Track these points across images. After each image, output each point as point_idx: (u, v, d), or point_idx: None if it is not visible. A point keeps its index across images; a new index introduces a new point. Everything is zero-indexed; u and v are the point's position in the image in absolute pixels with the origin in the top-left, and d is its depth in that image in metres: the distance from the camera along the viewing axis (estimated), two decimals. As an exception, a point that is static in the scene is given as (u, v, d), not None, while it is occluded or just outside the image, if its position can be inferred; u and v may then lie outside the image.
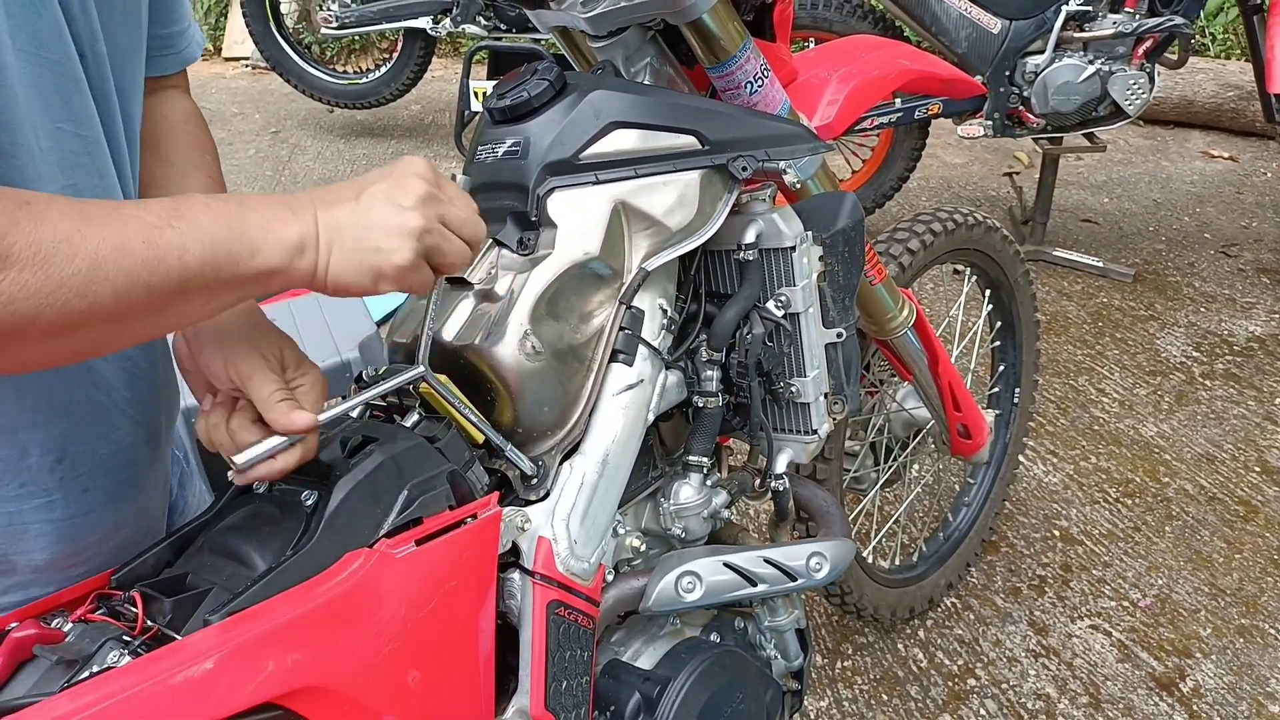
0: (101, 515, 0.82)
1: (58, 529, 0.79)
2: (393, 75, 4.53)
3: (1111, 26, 2.86)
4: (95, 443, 0.79)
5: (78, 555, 0.81)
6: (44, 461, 0.76)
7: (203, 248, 0.65)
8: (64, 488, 0.78)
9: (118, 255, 0.61)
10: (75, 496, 0.79)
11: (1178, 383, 2.74)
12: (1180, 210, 3.83)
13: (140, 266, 0.62)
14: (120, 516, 0.84)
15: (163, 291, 0.64)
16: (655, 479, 1.11)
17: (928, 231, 1.67)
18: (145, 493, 0.87)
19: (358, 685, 0.71)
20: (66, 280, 0.59)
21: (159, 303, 0.64)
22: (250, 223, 0.68)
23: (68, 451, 0.78)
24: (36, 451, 0.76)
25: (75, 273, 0.59)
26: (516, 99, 0.96)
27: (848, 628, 1.96)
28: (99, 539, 0.82)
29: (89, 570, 0.82)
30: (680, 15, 1.00)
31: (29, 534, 0.78)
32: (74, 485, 0.79)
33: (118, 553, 0.84)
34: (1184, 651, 1.89)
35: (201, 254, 0.65)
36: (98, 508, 0.81)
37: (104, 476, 0.81)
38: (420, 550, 0.76)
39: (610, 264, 0.95)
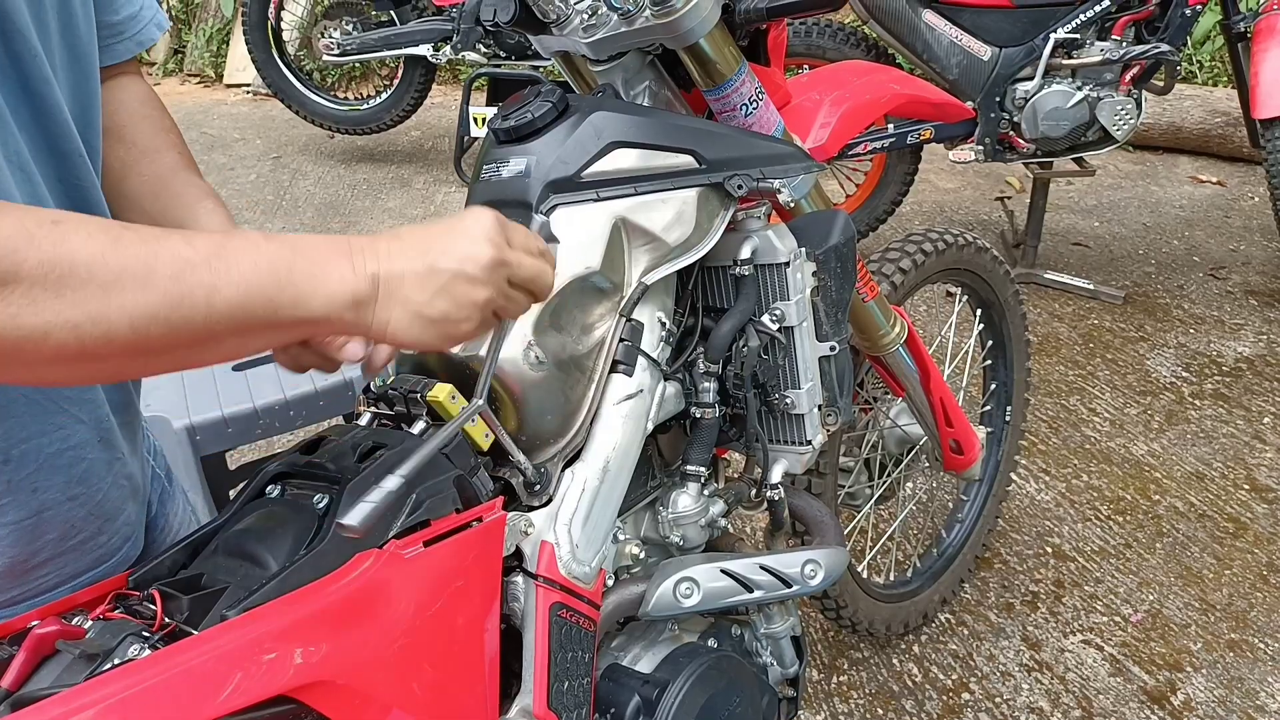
0: (54, 515, 0.80)
1: (12, 533, 0.78)
2: (393, 101, 4.59)
3: (1099, 54, 2.92)
4: (40, 440, 0.78)
5: (34, 558, 0.80)
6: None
7: (237, 291, 0.63)
8: (13, 490, 0.77)
9: (139, 287, 0.60)
10: (25, 498, 0.78)
11: (1168, 402, 2.78)
12: (1169, 234, 3.89)
13: (162, 301, 0.61)
14: (74, 518, 0.82)
15: (186, 330, 0.62)
16: (654, 488, 1.13)
17: (919, 251, 1.71)
18: (102, 494, 0.84)
19: (368, 680, 0.73)
20: (79, 303, 0.58)
21: (183, 340, 0.63)
22: (299, 271, 0.66)
23: (12, 452, 0.76)
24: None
25: (89, 298, 0.58)
26: (521, 120, 1.00)
27: (843, 643, 1.98)
28: (54, 540, 0.81)
29: (49, 576, 0.82)
30: (678, 40, 1.04)
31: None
32: (23, 486, 0.78)
33: (77, 558, 0.83)
34: (1175, 665, 1.91)
35: (234, 297, 0.63)
36: (50, 507, 0.80)
37: (53, 475, 0.79)
38: (428, 551, 0.79)
39: (611, 278, 0.98)
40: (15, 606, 0.81)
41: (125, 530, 0.88)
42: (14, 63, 0.73)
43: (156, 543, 1.00)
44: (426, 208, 4.31)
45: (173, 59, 6.68)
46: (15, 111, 0.74)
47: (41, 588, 0.82)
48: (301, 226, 4.07)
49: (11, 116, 0.73)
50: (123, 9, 0.91)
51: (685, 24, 1.02)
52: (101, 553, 0.86)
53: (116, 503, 0.86)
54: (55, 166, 0.78)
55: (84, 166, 0.81)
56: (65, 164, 0.79)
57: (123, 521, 0.88)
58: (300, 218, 4.18)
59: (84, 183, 0.81)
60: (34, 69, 0.74)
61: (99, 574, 0.85)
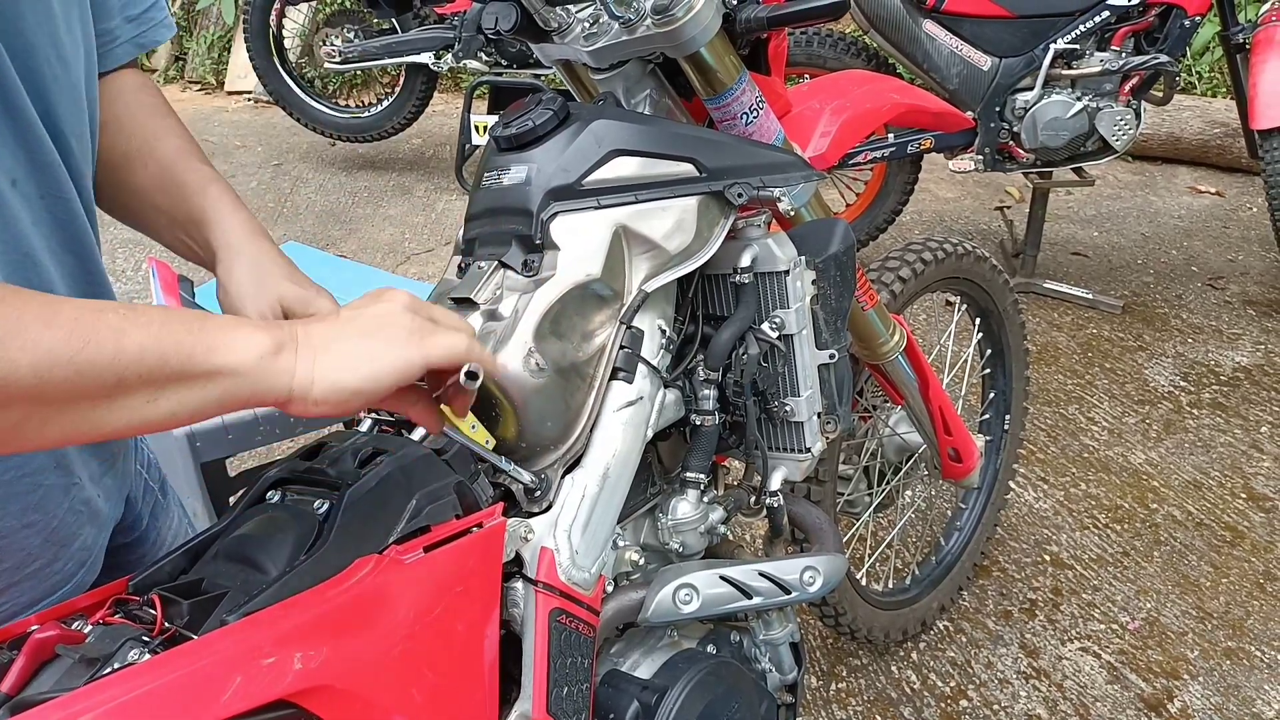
0: (10, 543, 0.79)
1: None
2: (395, 109, 4.60)
3: (1099, 64, 2.93)
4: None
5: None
6: None
7: (146, 335, 0.61)
8: None
9: (40, 325, 0.57)
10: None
11: (1166, 412, 2.78)
12: (1168, 244, 3.90)
13: (65, 340, 0.58)
14: (30, 545, 0.81)
15: (92, 375, 0.59)
16: (654, 495, 1.14)
17: (918, 260, 1.71)
18: (58, 520, 0.83)
19: (368, 685, 0.73)
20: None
21: (90, 390, 0.60)
22: (213, 322, 0.65)
23: None
24: None
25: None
26: (522, 128, 1.00)
27: (842, 650, 1.98)
28: (9, 568, 0.80)
29: (4, 604, 0.81)
30: (679, 49, 1.05)
31: None
32: None
33: (33, 586, 0.82)
34: (1172, 673, 1.91)
35: (143, 340, 0.61)
36: (6, 535, 0.79)
37: (8, 502, 0.78)
38: (428, 557, 0.79)
39: (611, 285, 0.99)
40: None
41: (80, 555, 0.86)
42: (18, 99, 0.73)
43: (147, 557, 0.99)
44: (428, 215, 4.32)
45: (174, 66, 6.69)
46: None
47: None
48: (303, 233, 4.07)
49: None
50: (118, 13, 0.90)
51: (686, 33, 1.02)
52: (57, 579, 0.84)
53: (72, 528, 0.85)
54: (37, 182, 0.77)
55: (65, 179, 0.80)
56: (48, 178, 0.78)
57: (78, 547, 0.86)
58: (301, 225, 4.19)
59: (65, 194, 0.80)
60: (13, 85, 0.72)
61: (52, 601, 0.83)
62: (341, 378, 0.70)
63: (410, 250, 3.98)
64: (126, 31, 0.92)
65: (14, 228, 0.75)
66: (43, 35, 0.75)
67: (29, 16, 0.73)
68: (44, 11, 0.75)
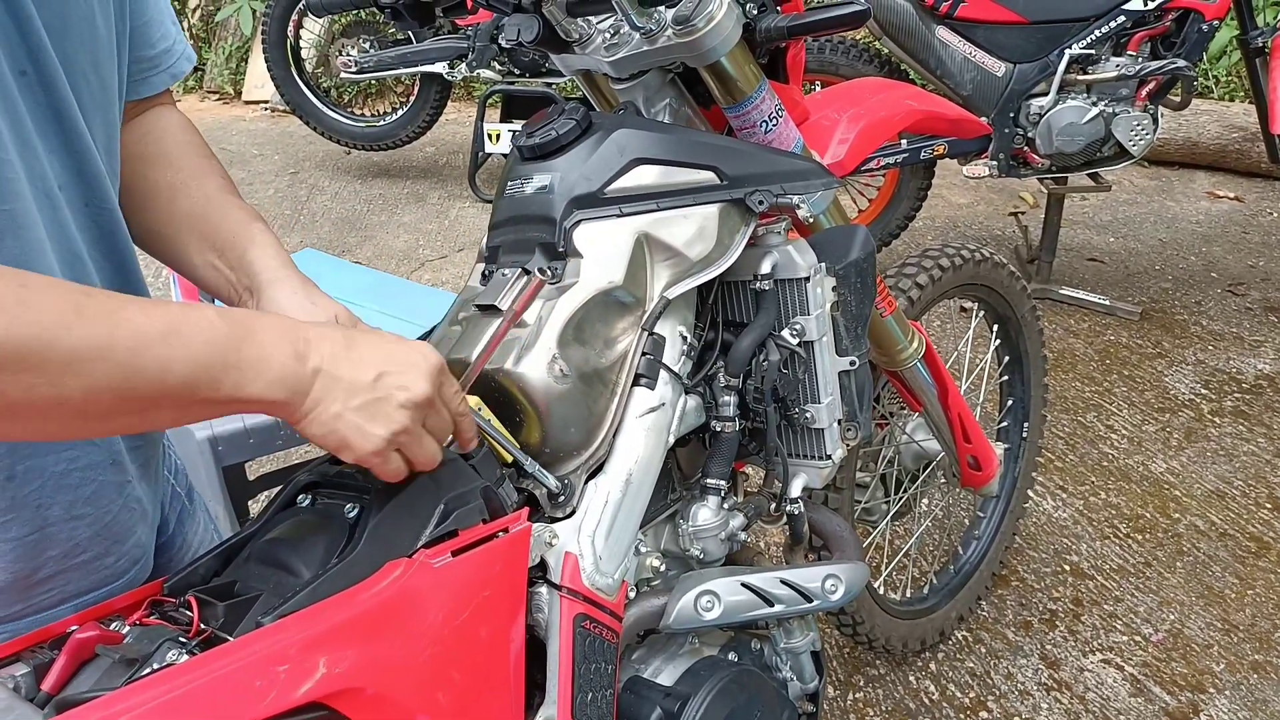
0: (57, 532, 0.82)
1: (15, 548, 0.79)
2: (409, 118, 4.63)
3: (1114, 69, 2.93)
4: (45, 460, 0.79)
5: (37, 574, 0.81)
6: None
7: (188, 369, 0.66)
8: (17, 507, 0.78)
9: (98, 357, 0.61)
10: (30, 514, 0.79)
11: (1186, 420, 2.77)
12: (1186, 249, 3.88)
13: (117, 372, 0.63)
14: (78, 537, 0.83)
15: (132, 400, 0.64)
16: (674, 501, 1.14)
17: (936, 266, 1.71)
18: (112, 516, 0.86)
19: (397, 688, 0.74)
20: (39, 367, 0.59)
21: (127, 407, 0.65)
22: (246, 355, 0.69)
23: (16, 469, 0.78)
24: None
25: (49, 362, 0.60)
26: (545, 137, 1.01)
27: (859, 659, 1.98)
28: (56, 556, 0.82)
29: (51, 593, 0.83)
30: (700, 59, 1.06)
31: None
32: (27, 503, 0.79)
33: (81, 577, 0.84)
34: (1197, 687, 1.90)
35: (184, 373, 0.66)
36: (53, 524, 0.81)
37: (57, 493, 0.81)
38: (456, 561, 0.80)
39: (633, 292, 1.00)
40: (19, 621, 0.82)
41: (134, 553, 0.90)
42: (47, 92, 0.75)
43: (174, 562, 1.01)
44: (441, 222, 4.34)
45: (192, 76, 6.75)
46: (45, 138, 0.76)
47: (45, 604, 0.83)
48: (319, 240, 4.10)
49: (41, 143, 0.75)
50: (158, 43, 0.94)
51: (707, 43, 1.03)
52: (107, 574, 0.87)
53: (126, 525, 0.88)
54: (82, 190, 0.80)
55: (108, 189, 0.83)
56: (91, 187, 0.81)
57: (132, 544, 0.89)
58: (318, 232, 4.22)
59: (107, 204, 0.83)
60: (64, 96, 0.76)
61: (103, 594, 0.86)
62: (316, 437, 0.74)
63: (424, 257, 4.00)
64: (165, 61, 0.96)
65: (66, 229, 0.78)
66: (84, 54, 0.78)
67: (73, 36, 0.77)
68: (89, 32, 0.79)
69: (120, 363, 0.63)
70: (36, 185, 0.75)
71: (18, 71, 0.72)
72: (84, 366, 0.61)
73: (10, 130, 0.72)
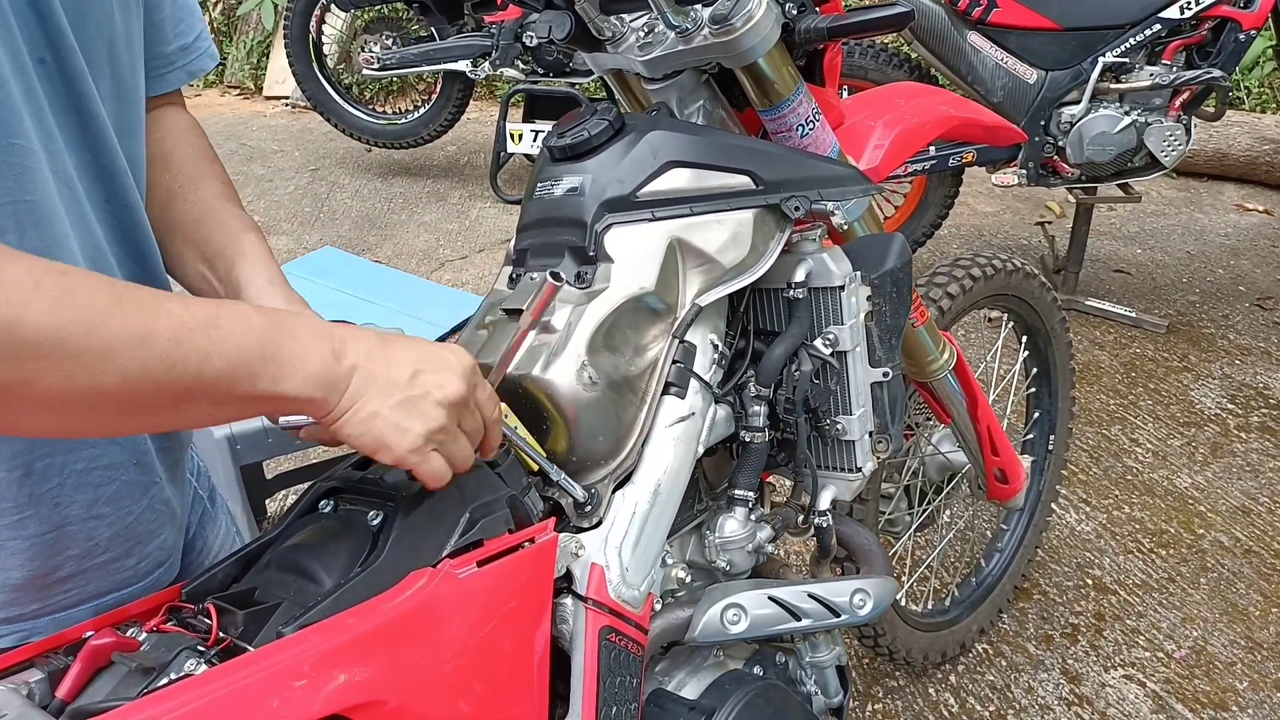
0: (76, 531, 0.80)
1: (32, 546, 0.78)
2: (431, 116, 4.62)
3: (1148, 78, 2.89)
4: (65, 457, 0.78)
5: (55, 573, 0.80)
6: (11, 477, 0.76)
7: (226, 361, 0.65)
8: (35, 503, 0.77)
9: (138, 345, 0.61)
10: (47, 512, 0.78)
11: (1212, 434, 2.72)
12: (1214, 263, 3.83)
13: (156, 362, 0.62)
14: (98, 537, 0.82)
15: (170, 391, 0.64)
16: (700, 512, 1.12)
17: (967, 276, 1.69)
18: (134, 517, 0.84)
19: (420, 701, 0.72)
20: (78, 354, 0.59)
21: (164, 400, 0.64)
22: (285, 351, 0.68)
23: (34, 466, 0.77)
24: (4, 468, 0.75)
25: (89, 349, 0.59)
26: (577, 138, 0.99)
27: (879, 670, 1.95)
28: (75, 556, 0.81)
29: (71, 592, 0.82)
30: (737, 60, 1.03)
31: (3, 552, 0.77)
32: (45, 500, 0.78)
33: (101, 577, 0.83)
34: (1220, 705, 1.86)
35: (222, 366, 0.65)
36: (72, 523, 0.80)
37: (76, 492, 0.79)
38: (482, 571, 0.78)
39: (665, 299, 0.97)
40: (38, 620, 0.81)
41: (158, 555, 0.88)
42: (66, 82, 0.74)
43: (194, 565, 1.00)
44: (462, 222, 4.33)
45: (213, 71, 6.77)
46: (64, 129, 0.74)
47: (63, 603, 0.82)
48: (339, 238, 4.10)
49: (60, 134, 0.74)
50: (173, 40, 0.92)
51: (745, 43, 1.01)
52: (128, 575, 0.85)
53: (150, 526, 0.86)
54: (102, 185, 0.79)
55: (129, 184, 0.82)
56: (111, 182, 0.80)
57: (155, 546, 0.87)
58: (338, 230, 4.22)
59: (128, 201, 0.82)
60: (83, 88, 0.75)
61: (125, 596, 0.85)
62: (353, 437, 0.73)
63: (445, 257, 3.99)
64: (180, 59, 0.93)
65: (88, 223, 0.77)
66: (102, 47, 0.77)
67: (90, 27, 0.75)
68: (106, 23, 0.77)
69: (159, 353, 0.62)
70: (59, 177, 0.74)
71: (37, 59, 0.71)
72: (123, 355, 0.60)
73: (32, 119, 0.70)
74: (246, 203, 4.56)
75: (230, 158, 5.13)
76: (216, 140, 4.89)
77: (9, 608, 0.79)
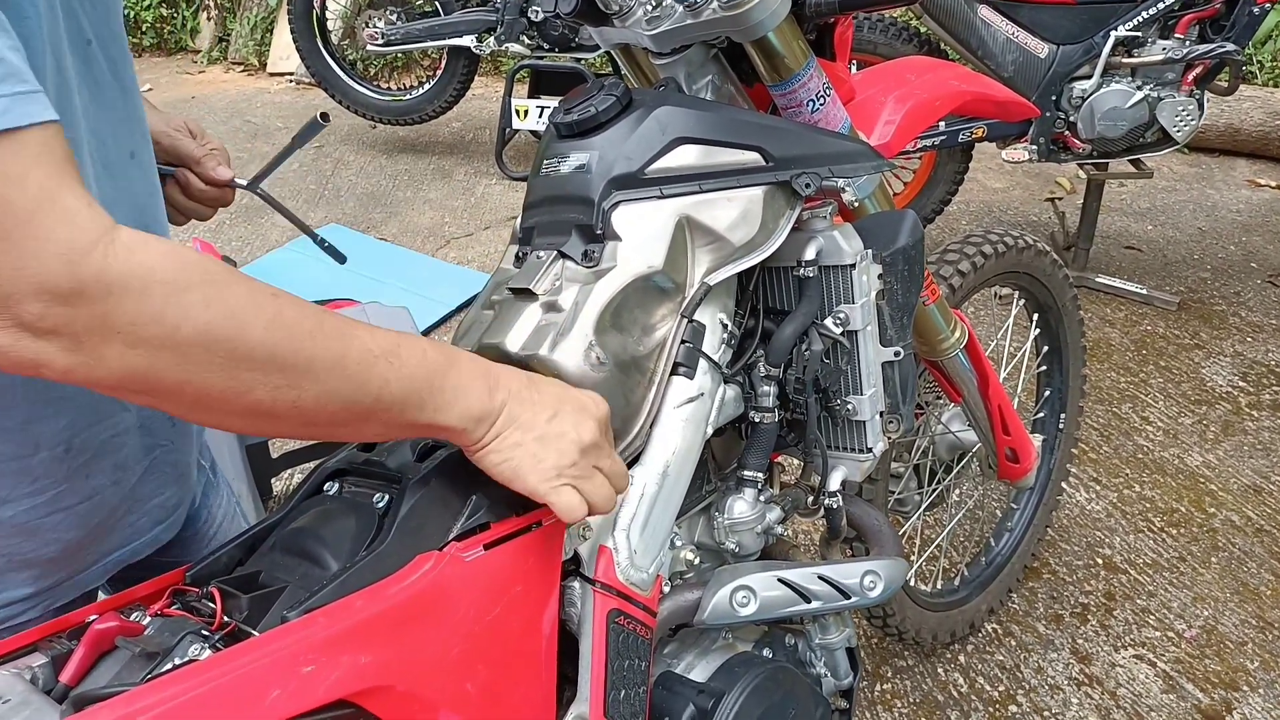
0: (102, 500, 0.85)
1: (68, 518, 0.82)
2: (436, 92, 4.58)
3: (1161, 52, 2.84)
4: (96, 429, 0.82)
5: (85, 542, 0.84)
6: (54, 453, 0.79)
7: (402, 388, 0.71)
8: (72, 477, 0.81)
9: (333, 367, 0.68)
10: (80, 484, 0.82)
11: (1224, 413, 2.70)
12: (1226, 239, 3.79)
13: (345, 383, 0.68)
14: (113, 501, 0.86)
15: (353, 409, 0.70)
16: (709, 493, 1.11)
17: (978, 253, 1.66)
18: (137, 478, 0.89)
19: (427, 685, 0.72)
20: (284, 370, 0.65)
21: (345, 417, 0.70)
22: (449, 383, 0.74)
23: (74, 441, 0.81)
24: (47, 444, 0.79)
25: (294, 367, 0.66)
26: (584, 114, 0.97)
27: (887, 650, 1.94)
28: (98, 522, 0.85)
29: (89, 556, 0.86)
30: (746, 34, 1.01)
31: (44, 528, 0.81)
32: (79, 473, 0.82)
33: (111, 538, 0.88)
34: (1231, 684, 1.85)
35: (398, 392, 0.71)
36: (100, 492, 0.84)
37: (102, 460, 0.84)
38: (489, 554, 0.77)
39: (673, 277, 0.96)
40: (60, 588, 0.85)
41: (158, 513, 0.93)
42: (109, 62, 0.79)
43: (200, 534, 1.04)
44: (467, 199, 4.31)
45: (217, 47, 6.73)
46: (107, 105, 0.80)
47: (82, 567, 0.86)
48: (344, 216, 4.08)
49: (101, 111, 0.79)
50: None
51: (754, 17, 0.99)
52: (130, 532, 0.90)
53: (152, 486, 0.91)
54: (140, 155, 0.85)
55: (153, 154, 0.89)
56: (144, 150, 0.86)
57: (156, 504, 0.92)
58: (342, 207, 4.20)
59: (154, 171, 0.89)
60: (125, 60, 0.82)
61: (127, 553, 0.90)
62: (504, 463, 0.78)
63: (450, 234, 3.97)
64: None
65: (135, 198, 0.82)
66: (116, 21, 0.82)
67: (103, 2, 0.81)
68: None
69: (349, 375, 0.68)
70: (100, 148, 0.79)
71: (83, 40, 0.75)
72: (320, 375, 0.67)
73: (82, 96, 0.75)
74: (251, 181, 4.55)
75: (234, 135, 5.10)
76: (220, 117, 4.85)
77: (38, 581, 0.83)
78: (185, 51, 6.93)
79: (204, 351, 0.61)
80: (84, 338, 0.58)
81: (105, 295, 0.58)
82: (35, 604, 0.83)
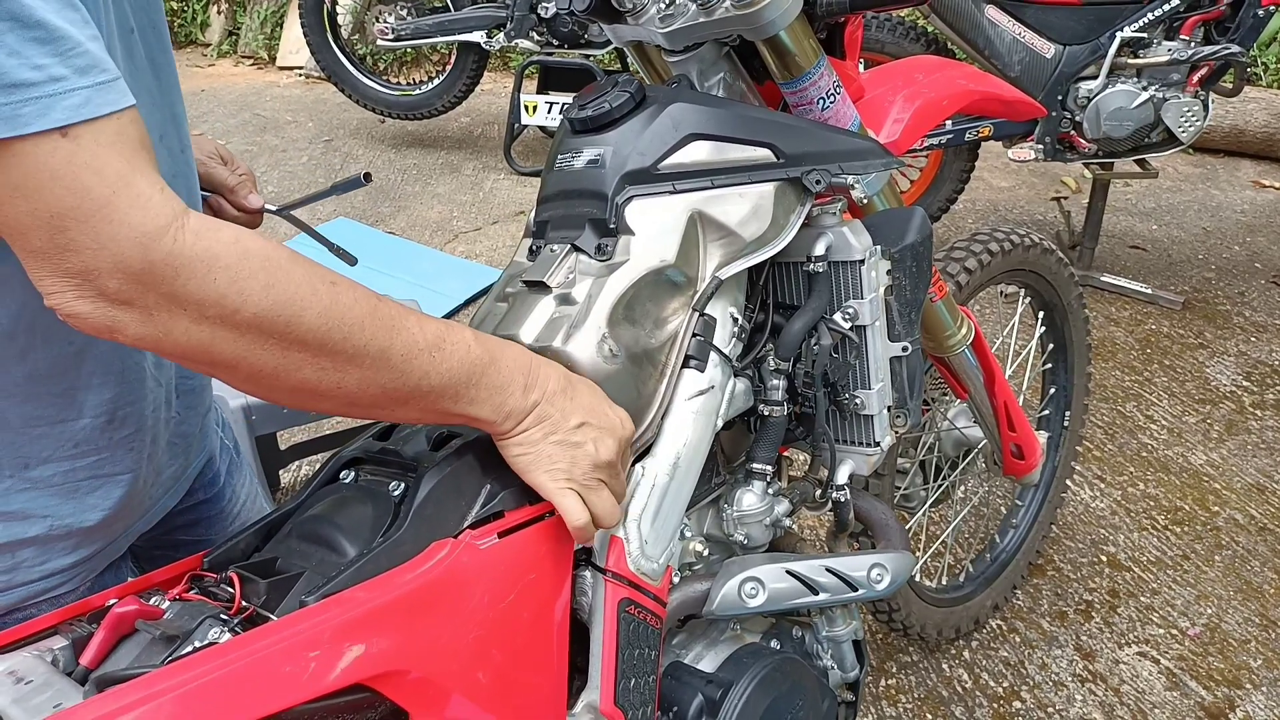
0: (140, 472, 0.89)
1: (108, 487, 0.86)
2: (445, 88, 4.59)
3: (1166, 53, 2.85)
4: (141, 404, 0.86)
5: (121, 512, 0.88)
6: (96, 423, 0.83)
7: (441, 380, 0.75)
8: (113, 447, 0.85)
9: (379, 356, 0.71)
10: (121, 455, 0.86)
11: (1227, 412, 2.71)
12: (1230, 239, 3.79)
13: (388, 372, 0.72)
14: (148, 474, 0.91)
15: (393, 395, 0.73)
16: (718, 485, 1.12)
17: (985, 251, 1.67)
18: (160, 450, 0.93)
19: (441, 670, 0.73)
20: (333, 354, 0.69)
21: (384, 401, 0.74)
22: (488, 378, 0.78)
23: (117, 414, 0.84)
24: (90, 413, 0.82)
25: (342, 353, 0.69)
26: (598, 110, 0.98)
27: (893, 645, 1.95)
28: (136, 494, 0.89)
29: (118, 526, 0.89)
30: (758, 32, 1.02)
31: (82, 491, 0.84)
32: (121, 445, 0.86)
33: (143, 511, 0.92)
34: (1234, 682, 1.86)
35: (436, 384, 0.75)
36: (138, 466, 0.88)
37: (142, 434, 0.88)
38: (503, 542, 0.78)
39: (685, 271, 0.97)
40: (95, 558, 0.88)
41: (167, 483, 0.97)
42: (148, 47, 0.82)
43: (225, 511, 1.09)
44: (475, 194, 4.32)
45: (227, 41, 6.75)
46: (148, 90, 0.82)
47: (113, 537, 0.90)
48: (353, 209, 4.09)
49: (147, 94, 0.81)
50: None
51: (766, 15, 0.99)
52: (146, 503, 0.93)
53: (166, 458, 0.95)
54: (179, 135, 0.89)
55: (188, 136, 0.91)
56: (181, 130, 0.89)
57: (169, 475, 0.97)
58: (351, 201, 4.21)
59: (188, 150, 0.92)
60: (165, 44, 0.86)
61: (142, 524, 0.95)
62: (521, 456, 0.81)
63: (458, 228, 3.98)
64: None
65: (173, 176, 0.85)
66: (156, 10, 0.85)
67: None
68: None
69: (392, 365, 0.72)
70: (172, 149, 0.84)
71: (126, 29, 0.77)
72: (365, 362, 0.71)
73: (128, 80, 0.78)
74: (260, 173, 4.56)
75: (244, 128, 5.12)
76: (230, 110, 4.85)
77: (78, 550, 0.86)
78: (195, 45, 6.95)
79: (259, 333, 0.66)
80: (154, 311, 0.63)
81: (174, 276, 0.62)
82: (74, 574, 0.86)
